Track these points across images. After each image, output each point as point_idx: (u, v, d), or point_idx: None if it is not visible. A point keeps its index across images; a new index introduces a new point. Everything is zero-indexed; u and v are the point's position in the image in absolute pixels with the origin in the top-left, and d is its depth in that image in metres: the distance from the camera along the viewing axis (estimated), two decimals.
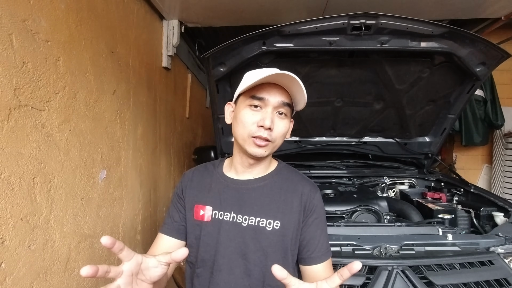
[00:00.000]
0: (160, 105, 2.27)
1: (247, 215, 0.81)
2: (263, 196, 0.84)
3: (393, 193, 1.97)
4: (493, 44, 1.37)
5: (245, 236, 0.80)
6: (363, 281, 1.00)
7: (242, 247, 0.80)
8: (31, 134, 1.03)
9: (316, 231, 0.84)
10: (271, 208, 0.82)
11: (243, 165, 0.86)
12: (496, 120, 2.69)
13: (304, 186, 0.87)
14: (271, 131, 0.78)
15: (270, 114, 0.78)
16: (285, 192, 0.85)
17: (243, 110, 0.80)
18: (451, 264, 1.06)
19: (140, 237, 1.92)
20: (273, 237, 0.80)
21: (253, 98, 0.79)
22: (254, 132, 0.78)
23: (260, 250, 0.80)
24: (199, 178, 0.91)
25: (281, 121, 0.80)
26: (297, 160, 1.99)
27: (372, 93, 1.70)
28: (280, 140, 0.82)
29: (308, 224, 0.83)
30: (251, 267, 0.80)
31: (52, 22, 1.12)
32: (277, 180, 0.87)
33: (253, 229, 0.80)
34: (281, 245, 0.80)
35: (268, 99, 0.78)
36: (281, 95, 0.79)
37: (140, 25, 1.90)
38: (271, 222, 0.80)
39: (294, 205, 0.83)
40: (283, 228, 0.81)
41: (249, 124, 0.78)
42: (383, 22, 1.28)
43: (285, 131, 0.82)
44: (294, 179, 0.88)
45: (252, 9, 2.10)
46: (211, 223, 0.83)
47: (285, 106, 0.80)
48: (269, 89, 0.79)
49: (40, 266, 1.07)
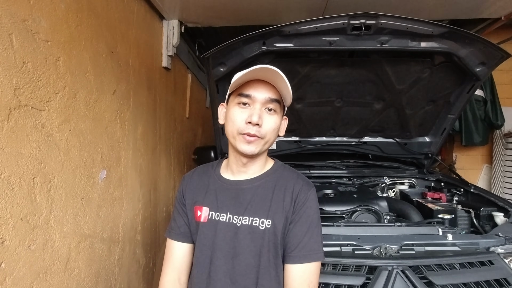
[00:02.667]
0: (160, 105, 2.27)
1: (241, 215, 0.82)
2: (257, 195, 0.84)
3: (393, 193, 1.97)
4: (493, 44, 1.37)
5: (239, 236, 0.81)
6: (363, 281, 1.00)
7: (236, 247, 0.81)
8: (31, 134, 1.03)
9: (301, 229, 0.81)
10: (264, 207, 0.82)
11: (238, 164, 0.86)
12: (496, 120, 2.69)
13: (297, 182, 0.86)
14: (259, 127, 0.79)
15: (258, 111, 0.79)
16: (278, 191, 0.84)
17: (232, 109, 0.82)
18: (451, 264, 1.06)
19: (140, 237, 1.92)
20: (266, 236, 0.80)
21: (241, 96, 0.81)
22: (243, 129, 0.79)
23: (254, 250, 0.80)
24: (197, 179, 0.93)
25: (270, 117, 0.81)
26: (297, 160, 1.99)
27: (372, 93, 1.70)
28: (271, 136, 0.82)
29: (294, 221, 0.82)
30: (243, 266, 0.80)
31: (52, 22, 1.12)
32: (272, 179, 0.87)
33: (247, 229, 0.81)
34: (273, 244, 0.80)
35: (255, 96, 0.80)
36: (268, 91, 0.80)
37: (140, 25, 1.90)
38: (263, 221, 0.81)
39: (286, 202, 0.83)
40: (274, 226, 0.81)
41: (238, 122, 0.80)
42: (383, 22, 1.28)
43: (275, 126, 0.82)
44: (288, 177, 0.88)
45: (252, 9, 2.10)
46: (208, 224, 0.84)
47: (274, 102, 0.81)
48: (256, 86, 0.80)
49: (40, 266, 1.07)
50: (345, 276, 1.02)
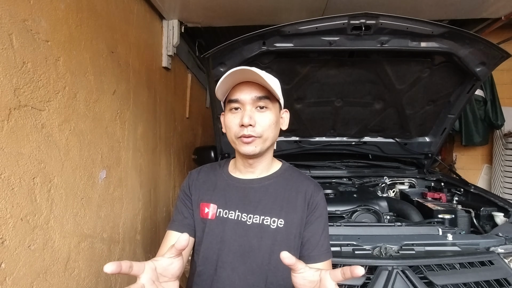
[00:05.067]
0: (160, 105, 2.27)
1: (251, 214, 0.83)
2: (268, 195, 0.85)
3: (393, 193, 1.97)
4: (493, 44, 1.37)
5: (250, 235, 0.81)
6: (363, 281, 1.00)
7: (246, 245, 0.81)
8: (31, 134, 1.03)
9: (318, 229, 0.84)
10: (275, 207, 0.83)
11: (245, 165, 0.88)
12: (496, 120, 2.69)
13: (308, 185, 0.88)
14: (253, 127, 0.80)
15: (249, 112, 0.80)
16: (289, 191, 0.86)
17: (226, 116, 0.85)
18: (451, 264, 1.06)
19: (140, 237, 1.92)
20: (278, 235, 0.81)
21: (231, 102, 0.83)
22: (238, 133, 0.81)
23: (264, 248, 0.81)
24: (204, 177, 0.93)
25: (262, 114, 0.82)
26: (297, 160, 1.99)
27: (372, 93, 1.71)
28: (269, 133, 0.82)
29: (311, 222, 0.84)
30: (255, 265, 0.80)
31: (52, 22, 1.12)
32: (281, 180, 0.88)
33: (257, 227, 0.82)
34: (285, 243, 0.81)
35: (241, 98, 0.81)
36: (253, 90, 0.81)
37: (140, 25, 1.89)
38: (275, 220, 0.82)
39: (298, 203, 0.85)
40: (287, 226, 0.82)
41: (233, 127, 0.82)
42: (383, 22, 1.28)
43: (269, 123, 0.82)
44: (298, 178, 0.90)
45: (252, 9, 2.10)
46: (216, 221, 0.84)
47: (262, 99, 0.81)
48: (241, 88, 0.81)
49: (40, 266, 1.07)
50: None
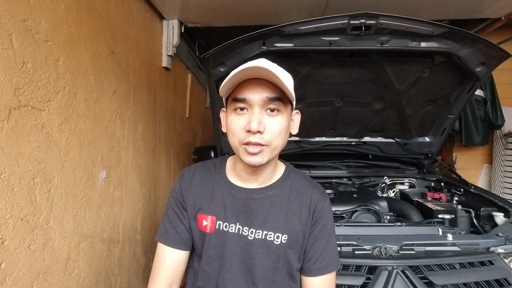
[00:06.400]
0: (160, 105, 2.27)
1: (253, 228, 0.76)
2: (271, 207, 0.78)
3: (393, 193, 1.97)
4: (493, 44, 1.37)
5: (252, 250, 0.76)
6: (363, 281, 1.00)
7: (248, 261, 0.77)
8: (31, 134, 1.03)
9: (321, 242, 0.79)
10: (279, 221, 0.77)
11: (247, 172, 0.78)
12: (496, 120, 2.69)
13: (314, 193, 0.82)
14: (261, 133, 0.68)
15: (257, 115, 0.68)
16: (293, 202, 0.80)
17: (229, 117, 0.72)
18: (451, 264, 1.06)
19: (140, 237, 1.92)
20: (281, 252, 0.76)
21: (236, 101, 0.70)
22: (243, 139, 0.69)
23: (268, 265, 0.76)
24: (199, 181, 0.83)
25: (273, 119, 0.70)
26: (297, 160, 1.99)
27: (372, 93, 1.71)
28: (279, 141, 0.72)
29: (314, 235, 0.79)
30: (257, 281, 0.76)
31: (52, 22, 1.12)
32: (285, 189, 0.81)
33: (260, 243, 0.76)
34: (288, 259, 0.77)
35: (250, 98, 0.68)
36: (265, 90, 0.68)
37: (140, 25, 1.89)
38: (279, 236, 0.76)
39: (302, 216, 0.79)
40: (291, 241, 0.77)
41: (237, 131, 0.70)
42: (383, 22, 1.28)
43: (280, 129, 0.70)
44: (302, 186, 0.83)
45: (252, 9, 2.10)
46: (215, 235, 0.78)
47: (275, 101, 0.68)
48: (250, 86, 0.68)
49: (40, 266, 1.07)
50: (345, 276, 1.01)
